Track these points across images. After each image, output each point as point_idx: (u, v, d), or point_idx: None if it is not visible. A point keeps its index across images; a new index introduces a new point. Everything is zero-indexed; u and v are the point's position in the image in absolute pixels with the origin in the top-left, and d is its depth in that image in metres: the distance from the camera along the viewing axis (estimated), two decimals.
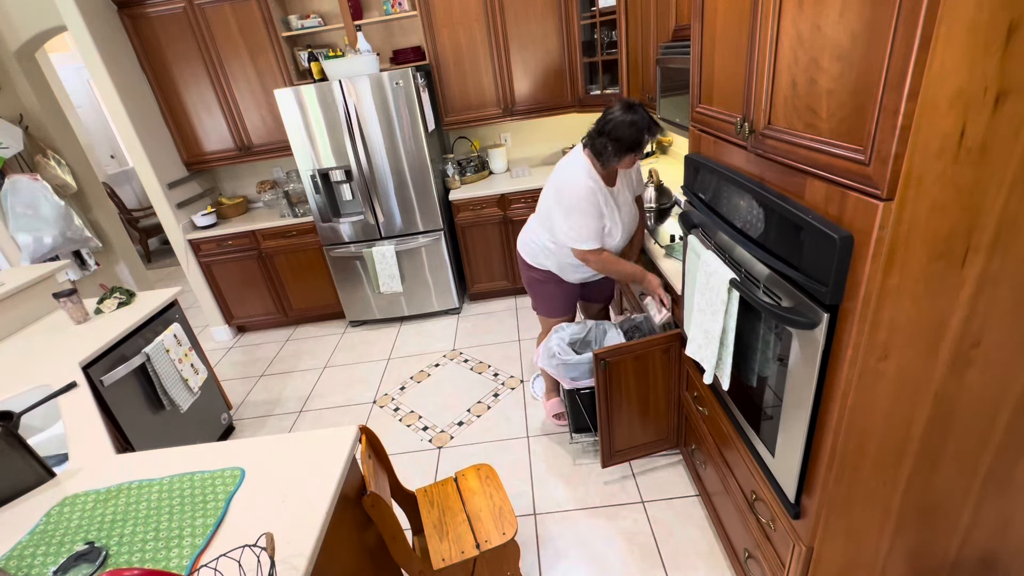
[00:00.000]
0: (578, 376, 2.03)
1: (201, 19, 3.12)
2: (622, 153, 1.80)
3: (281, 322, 3.85)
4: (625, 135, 1.75)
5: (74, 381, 1.71)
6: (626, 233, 2.04)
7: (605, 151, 1.80)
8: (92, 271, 3.66)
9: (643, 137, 1.76)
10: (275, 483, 1.16)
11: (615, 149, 1.79)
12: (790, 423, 1.14)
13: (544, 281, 2.21)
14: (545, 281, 2.21)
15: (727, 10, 1.20)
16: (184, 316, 2.47)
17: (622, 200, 2.00)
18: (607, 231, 1.95)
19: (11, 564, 1.04)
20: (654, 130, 1.78)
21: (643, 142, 1.78)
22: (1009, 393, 0.99)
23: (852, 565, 1.19)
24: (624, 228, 2.01)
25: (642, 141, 1.77)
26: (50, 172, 3.37)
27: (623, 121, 1.76)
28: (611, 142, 1.78)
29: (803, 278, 0.98)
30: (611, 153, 1.80)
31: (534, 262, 2.19)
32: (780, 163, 1.05)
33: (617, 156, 1.80)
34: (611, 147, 1.79)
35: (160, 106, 3.36)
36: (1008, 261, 0.85)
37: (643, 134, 1.76)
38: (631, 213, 2.05)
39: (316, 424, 2.77)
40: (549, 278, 2.19)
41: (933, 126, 0.73)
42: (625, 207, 2.01)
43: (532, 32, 3.23)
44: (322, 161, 3.15)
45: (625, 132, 1.75)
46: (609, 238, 1.98)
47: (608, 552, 1.84)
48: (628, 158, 1.83)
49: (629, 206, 2.04)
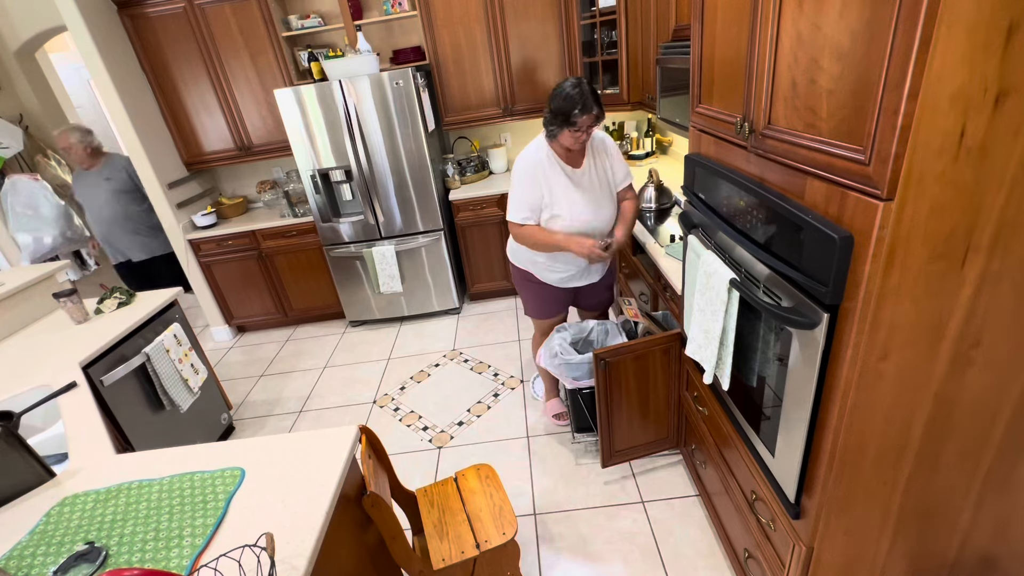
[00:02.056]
0: (580, 376, 2.03)
1: (201, 19, 3.12)
2: (557, 125, 1.80)
3: (281, 322, 3.85)
4: (557, 106, 1.77)
5: (74, 381, 1.71)
6: (582, 223, 1.93)
7: (546, 121, 1.85)
8: (92, 271, 3.66)
9: (572, 110, 1.73)
10: (275, 483, 1.16)
11: (550, 119, 1.82)
12: (790, 423, 1.14)
13: (525, 280, 2.20)
14: (526, 280, 2.20)
15: (727, 10, 1.20)
16: (184, 316, 2.47)
17: (586, 185, 1.93)
18: (549, 211, 1.90)
19: (11, 564, 1.04)
20: (589, 107, 1.73)
21: (571, 115, 1.73)
22: (1009, 393, 0.99)
23: (852, 565, 1.19)
24: (578, 216, 1.91)
25: (570, 114, 1.73)
26: (50, 172, 3.37)
27: (559, 92, 1.77)
28: (549, 113, 1.82)
29: (803, 278, 0.98)
30: (548, 123, 1.83)
31: (513, 258, 2.21)
32: (780, 163, 1.05)
33: (554, 126, 1.82)
34: (549, 117, 1.82)
35: (160, 106, 3.36)
36: (1008, 261, 0.85)
37: (574, 107, 1.72)
38: (596, 203, 1.95)
39: (316, 424, 2.77)
40: (528, 277, 2.17)
41: (933, 126, 0.73)
42: (589, 194, 1.93)
43: (532, 32, 3.23)
44: (322, 161, 3.15)
45: (558, 103, 1.76)
46: (556, 220, 1.91)
47: (608, 552, 1.84)
48: (566, 133, 1.79)
49: (595, 195, 1.95)
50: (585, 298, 2.30)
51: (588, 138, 1.84)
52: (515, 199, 1.94)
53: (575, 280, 2.14)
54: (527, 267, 2.15)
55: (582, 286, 2.19)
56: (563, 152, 1.90)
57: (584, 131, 1.79)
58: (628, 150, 3.58)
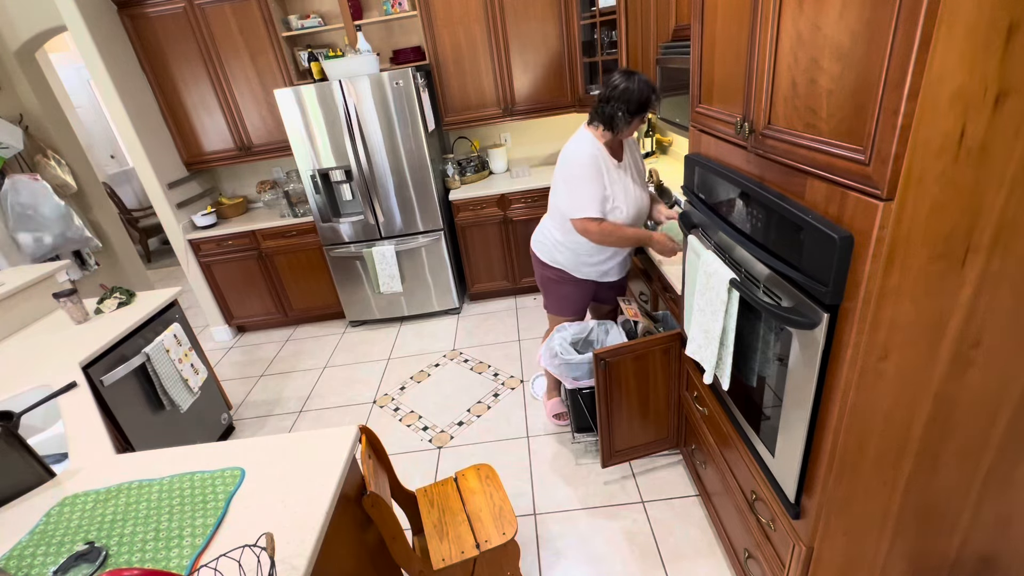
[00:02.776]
0: (580, 376, 2.03)
1: (201, 19, 3.12)
2: (632, 115, 1.83)
3: (281, 322, 3.85)
4: (634, 96, 1.80)
5: (74, 381, 1.71)
6: (635, 212, 1.99)
7: (616, 116, 1.83)
8: (92, 271, 3.66)
9: (651, 96, 1.81)
10: (275, 483, 1.16)
11: (625, 111, 1.82)
12: (790, 423, 1.14)
13: (559, 280, 2.18)
14: (560, 280, 2.17)
15: (727, 10, 1.20)
16: (184, 316, 2.47)
17: (630, 176, 1.98)
18: (611, 202, 1.93)
19: (11, 564, 1.04)
20: (657, 92, 1.83)
21: (651, 101, 1.81)
22: (1009, 393, 0.99)
23: (852, 565, 1.19)
24: (633, 205, 1.97)
25: (650, 100, 1.81)
26: (50, 172, 3.37)
27: (629, 83, 1.80)
28: (621, 104, 1.81)
29: (803, 278, 0.98)
30: (621, 117, 1.83)
31: (548, 259, 2.16)
32: (780, 163, 1.05)
33: (627, 119, 1.83)
34: (621, 110, 1.82)
35: (160, 106, 3.36)
36: (1008, 261, 0.85)
37: (652, 92, 1.81)
38: (641, 191, 2.03)
39: (316, 424, 2.77)
40: (563, 277, 2.16)
41: (933, 126, 0.73)
42: (634, 184, 1.99)
43: (532, 32, 3.23)
44: (322, 161, 3.15)
45: (634, 94, 1.79)
46: (616, 211, 1.95)
47: (608, 552, 1.84)
48: (636, 121, 1.85)
49: (639, 182, 2.02)
50: (608, 293, 2.32)
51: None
52: (586, 195, 1.90)
53: (615, 273, 2.16)
54: (565, 268, 2.12)
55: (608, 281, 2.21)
56: (609, 146, 1.93)
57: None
58: None
